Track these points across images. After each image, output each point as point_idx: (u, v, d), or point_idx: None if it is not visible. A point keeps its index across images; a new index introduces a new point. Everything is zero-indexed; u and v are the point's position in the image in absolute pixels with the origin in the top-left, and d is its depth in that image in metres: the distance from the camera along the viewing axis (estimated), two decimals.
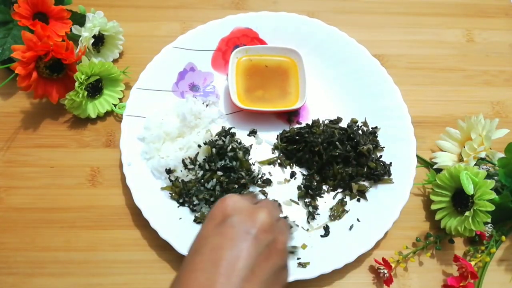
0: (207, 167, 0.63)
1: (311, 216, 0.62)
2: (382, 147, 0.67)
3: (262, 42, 0.75)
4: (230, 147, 0.63)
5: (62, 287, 0.58)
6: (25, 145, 0.67)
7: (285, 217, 0.44)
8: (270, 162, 0.67)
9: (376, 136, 0.68)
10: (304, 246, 0.59)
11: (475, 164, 0.62)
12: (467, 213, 0.57)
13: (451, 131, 0.67)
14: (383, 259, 0.59)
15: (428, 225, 0.64)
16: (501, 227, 0.62)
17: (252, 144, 0.67)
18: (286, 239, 0.40)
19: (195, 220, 0.61)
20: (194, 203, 0.61)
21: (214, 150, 0.63)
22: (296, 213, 0.63)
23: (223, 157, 0.63)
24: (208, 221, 0.39)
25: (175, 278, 0.37)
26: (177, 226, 0.60)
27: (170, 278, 0.57)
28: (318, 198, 0.64)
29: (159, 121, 0.66)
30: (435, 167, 0.66)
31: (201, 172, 0.63)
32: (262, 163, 0.66)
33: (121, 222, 0.62)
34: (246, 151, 0.65)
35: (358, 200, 0.64)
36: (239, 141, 0.66)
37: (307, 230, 0.61)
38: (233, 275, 0.33)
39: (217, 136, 0.66)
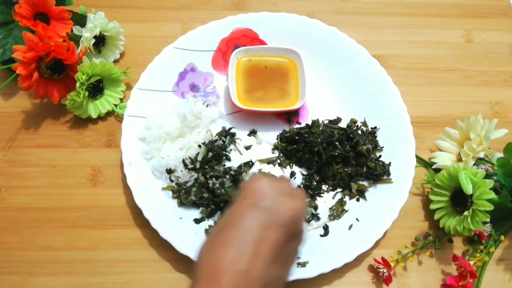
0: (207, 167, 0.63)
1: (311, 215, 0.63)
2: (381, 147, 0.67)
3: (262, 42, 0.76)
4: (231, 148, 0.64)
5: (63, 286, 0.58)
6: (26, 145, 0.68)
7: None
8: (270, 162, 0.67)
9: (376, 136, 0.68)
10: None
11: (474, 164, 0.62)
12: (466, 213, 0.57)
13: (450, 131, 0.67)
14: (382, 258, 0.59)
15: (427, 225, 0.64)
16: (500, 227, 0.62)
17: (252, 145, 0.68)
18: (305, 228, 0.46)
19: (195, 220, 0.61)
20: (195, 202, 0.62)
21: (210, 154, 0.63)
22: None
23: (221, 159, 0.63)
24: (241, 200, 0.42)
25: (202, 248, 0.39)
26: (178, 225, 0.60)
27: (170, 277, 0.59)
28: (317, 197, 0.64)
29: (160, 121, 0.66)
30: (434, 167, 0.66)
31: (201, 172, 0.63)
32: (262, 162, 0.67)
33: (122, 221, 0.62)
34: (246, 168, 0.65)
35: (358, 200, 0.64)
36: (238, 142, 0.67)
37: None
38: (261, 257, 0.37)
39: (217, 136, 0.66)
